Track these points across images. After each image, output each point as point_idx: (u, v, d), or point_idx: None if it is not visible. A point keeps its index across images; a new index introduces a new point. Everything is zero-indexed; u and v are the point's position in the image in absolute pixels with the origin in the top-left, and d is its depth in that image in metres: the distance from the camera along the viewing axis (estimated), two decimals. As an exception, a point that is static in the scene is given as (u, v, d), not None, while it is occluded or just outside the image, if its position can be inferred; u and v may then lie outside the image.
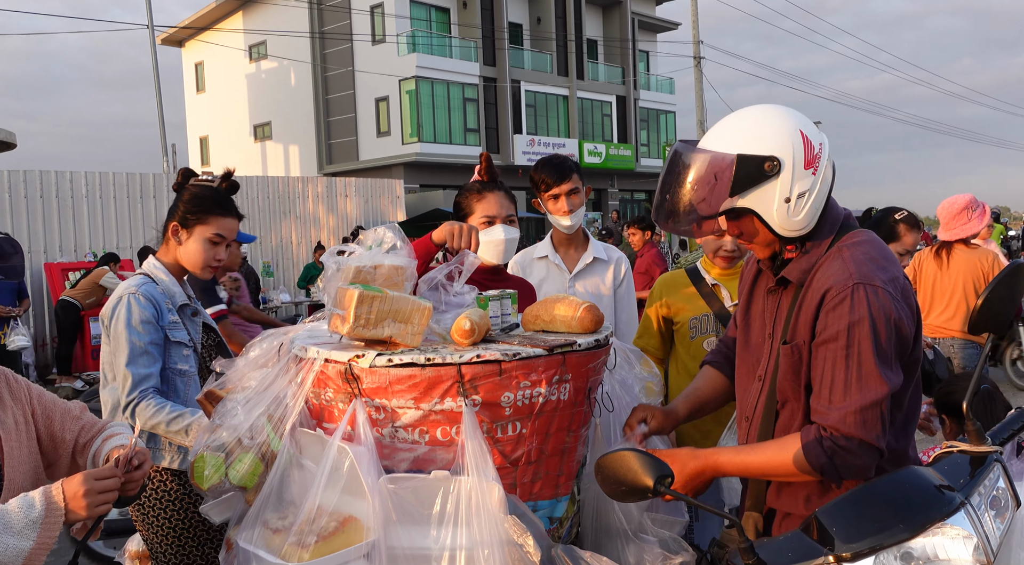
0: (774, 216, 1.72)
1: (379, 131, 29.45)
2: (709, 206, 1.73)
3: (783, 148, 1.70)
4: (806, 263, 1.79)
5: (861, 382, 1.62)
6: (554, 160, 2.99)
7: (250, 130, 33.53)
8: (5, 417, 1.81)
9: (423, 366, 1.71)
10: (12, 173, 11.37)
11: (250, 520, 1.78)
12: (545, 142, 30.99)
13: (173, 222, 2.53)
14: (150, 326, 2.35)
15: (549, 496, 1.89)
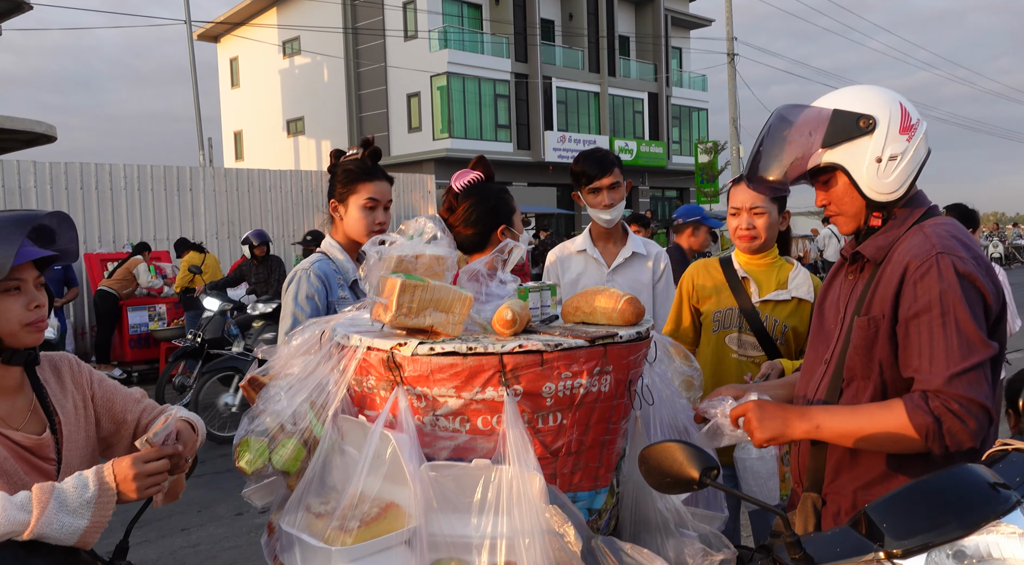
0: (863, 173, 1.74)
1: (410, 127, 29.59)
2: (802, 162, 1.76)
3: (880, 109, 1.74)
4: (884, 240, 1.80)
5: (963, 346, 1.60)
6: (596, 153, 2.98)
7: (283, 125, 33.84)
8: (65, 402, 1.84)
9: (465, 355, 1.72)
10: (54, 165, 11.59)
11: (293, 504, 1.79)
12: (576, 139, 30.93)
13: (332, 201, 2.64)
14: (312, 302, 2.44)
15: (588, 487, 1.89)
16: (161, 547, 4.75)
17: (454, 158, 27.54)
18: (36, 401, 1.78)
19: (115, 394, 1.93)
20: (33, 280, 1.72)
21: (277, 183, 14.40)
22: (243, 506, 5.34)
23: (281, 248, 14.19)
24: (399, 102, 29.91)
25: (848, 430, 1.70)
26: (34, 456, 1.72)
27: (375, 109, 30.69)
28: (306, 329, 2.08)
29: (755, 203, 2.74)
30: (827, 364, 1.89)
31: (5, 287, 1.66)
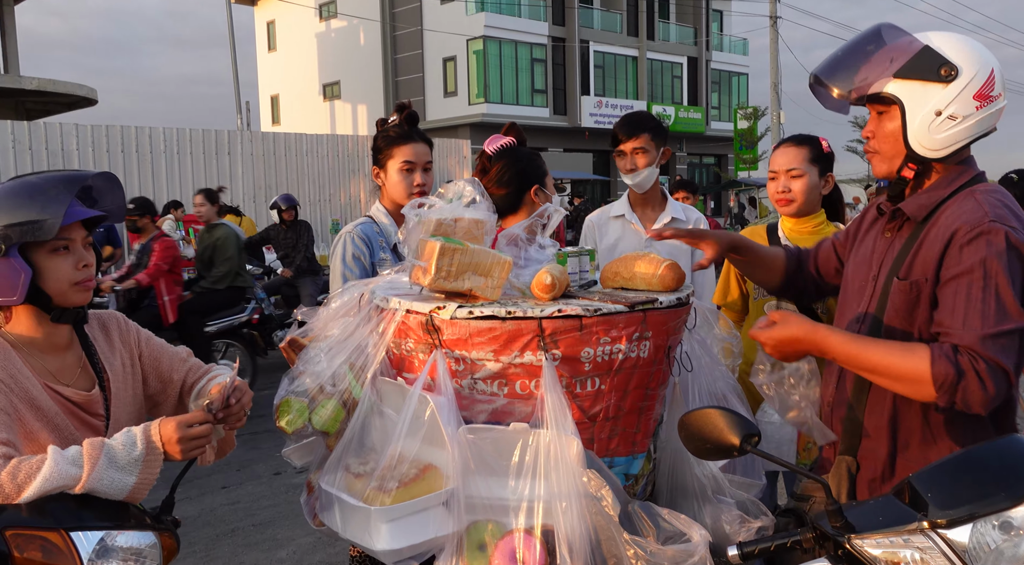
0: (916, 120, 1.69)
1: (446, 91, 29.46)
2: (866, 82, 1.71)
3: (968, 65, 1.68)
4: (927, 199, 1.76)
5: (999, 311, 1.57)
6: (631, 117, 2.93)
7: (319, 89, 33.89)
8: (114, 360, 1.88)
9: (504, 319, 1.72)
10: (95, 128, 11.74)
11: (332, 464, 1.82)
12: (613, 104, 30.60)
13: (375, 168, 2.69)
14: (359, 263, 2.50)
15: (626, 453, 1.89)
16: (202, 504, 4.87)
17: (490, 123, 27.39)
18: (85, 358, 1.81)
19: (162, 353, 1.97)
20: (81, 240, 1.74)
21: (314, 147, 14.45)
22: (281, 466, 5.45)
23: (317, 213, 14.28)
24: (435, 66, 29.75)
25: (864, 357, 1.66)
26: (83, 412, 1.76)
27: (411, 73, 30.57)
28: (345, 292, 2.09)
29: (791, 165, 2.68)
30: (860, 323, 1.86)
31: (54, 246, 1.68)
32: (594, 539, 1.63)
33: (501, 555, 1.65)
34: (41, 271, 1.68)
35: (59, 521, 1.48)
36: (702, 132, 33.79)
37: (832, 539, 1.34)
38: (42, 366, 1.74)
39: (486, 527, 1.70)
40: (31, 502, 1.52)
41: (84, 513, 1.52)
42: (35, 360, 1.74)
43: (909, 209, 1.77)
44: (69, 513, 1.51)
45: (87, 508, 1.53)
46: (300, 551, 4.15)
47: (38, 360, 1.74)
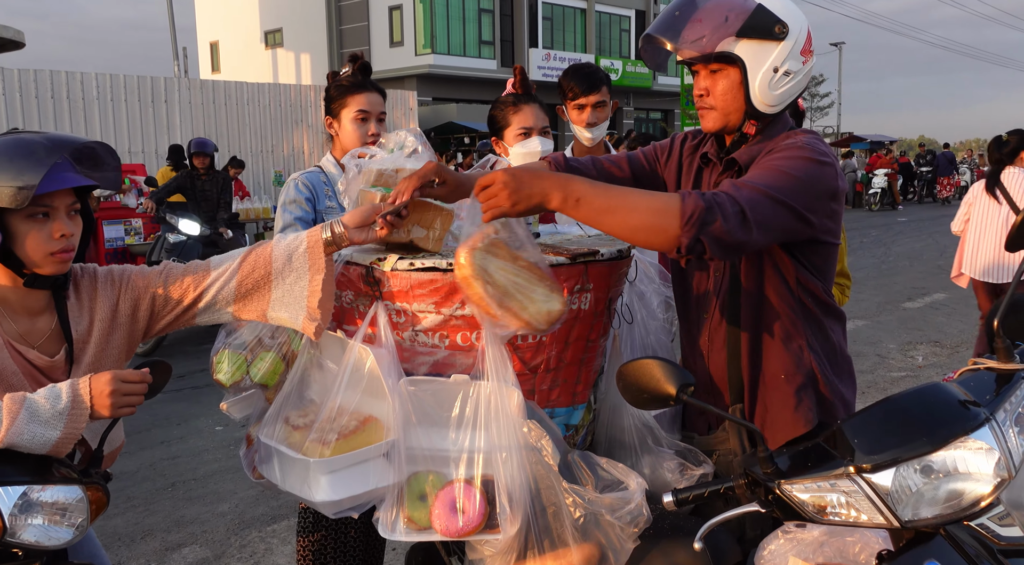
0: (758, 78, 1.74)
1: (392, 41, 28.82)
2: (708, 42, 1.72)
3: (795, 23, 1.74)
4: (757, 149, 1.81)
5: (774, 182, 1.63)
6: (585, 69, 2.91)
7: (261, 36, 32.84)
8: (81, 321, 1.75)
9: (445, 271, 1.70)
10: (23, 72, 11.22)
11: (271, 417, 1.80)
12: (561, 57, 30.31)
13: (327, 117, 2.67)
14: (298, 206, 2.48)
15: (566, 404, 1.91)
16: (141, 459, 4.80)
17: (436, 74, 26.95)
18: (58, 323, 1.73)
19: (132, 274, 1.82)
20: (66, 207, 1.64)
21: (255, 96, 14.07)
22: (223, 420, 5.39)
23: (259, 164, 13.97)
24: (381, 15, 29.03)
25: (609, 204, 1.59)
26: (44, 376, 1.69)
27: (356, 22, 29.79)
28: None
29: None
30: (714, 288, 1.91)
31: (31, 212, 1.58)
32: (534, 489, 1.66)
33: (441, 505, 1.66)
34: (15, 236, 1.59)
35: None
36: (649, 87, 33.76)
37: (763, 485, 1.38)
38: (11, 325, 1.67)
39: (427, 478, 1.70)
40: None
41: (4, 467, 1.48)
42: (4, 319, 1.66)
43: (743, 159, 1.83)
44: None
45: (8, 462, 1.49)
46: (242, 504, 4.13)
47: (7, 320, 1.67)
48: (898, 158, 26.16)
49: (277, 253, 1.75)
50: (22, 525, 1.45)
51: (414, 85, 25.62)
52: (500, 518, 1.64)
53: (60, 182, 1.56)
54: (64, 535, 1.50)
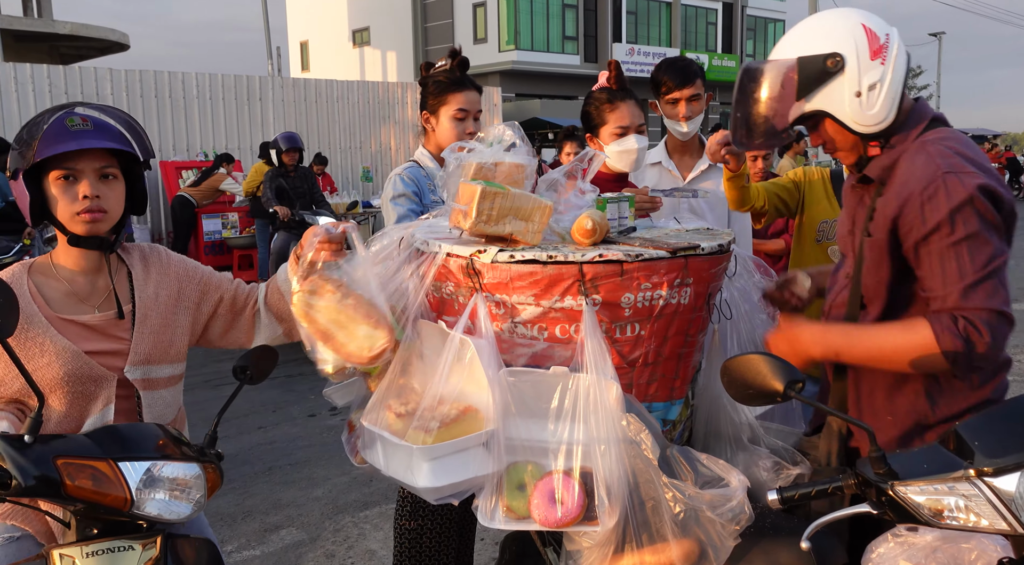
0: (847, 112, 1.69)
1: (475, 38, 29.04)
2: (782, 118, 1.71)
3: (844, 43, 1.67)
4: (888, 159, 1.77)
5: (973, 257, 1.59)
6: (678, 62, 2.88)
7: (349, 35, 33.57)
8: (147, 289, 1.90)
9: (545, 263, 1.71)
10: (129, 73, 11.76)
11: (374, 404, 1.85)
12: (645, 51, 29.99)
13: (423, 112, 2.70)
14: (407, 199, 2.54)
15: (664, 398, 1.89)
16: (240, 443, 4.99)
17: (520, 71, 27.02)
18: (113, 285, 1.86)
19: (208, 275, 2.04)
20: (93, 171, 1.75)
21: (344, 94, 14.38)
22: (315, 408, 5.55)
23: (347, 160, 14.28)
24: (465, 12, 29.29)
25: (870, 354, 1.70)
26: (100, 334, 1.81)
27: (441, 19, 30.14)
28: (385, 235, 2.10)
29: None
30: (848, 279, 1.88)
31: (58, 175, 1.73)
32: (632, 482, 1.65)
33: (540, 495, 1.67)
34: (49, 198, 1.75)
35: (107, 451, 1.53)
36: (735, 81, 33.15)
37: (875, 486, 1.34)
38: (62, 293, 1.81)
39: (525, 468, 1.72)
40: (83, 433, 1.57)
41: (132, 444, 1.56)
42: (55, 288, 1.81)
43: (874, 173, 1.79)
44: (117, 444, 1.55)
45: (135, 439, 1.58)
46: (335, 490, 4.25)
47: (61, 286, 1.81)
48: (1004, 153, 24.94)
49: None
50: (146, 498, 1.53)
51: (498, 81, 25.75)
52: (599, 510, 1.64)
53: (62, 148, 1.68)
54: (184, 510, 1.58)
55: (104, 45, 21.09)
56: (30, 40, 19.70)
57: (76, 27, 19.49)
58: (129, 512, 1.52)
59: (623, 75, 2.67)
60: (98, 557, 1.51)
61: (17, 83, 10.96)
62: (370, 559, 3.55)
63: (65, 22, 19.48)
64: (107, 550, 1.52)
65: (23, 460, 1.41)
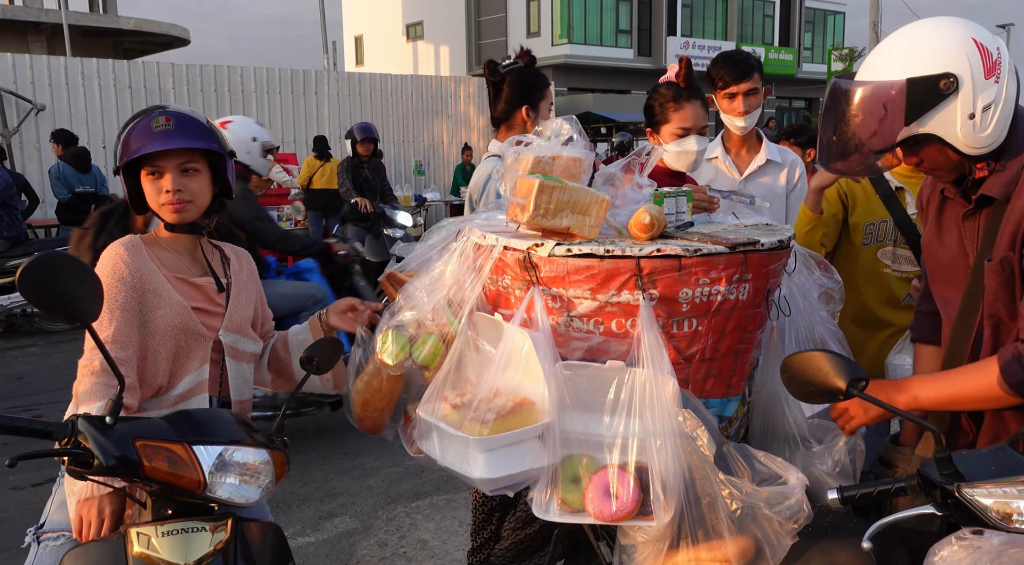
0: (959, 137, 1.56)
1: (529, 31, 29.01)
2: (882, 140, 1.59)
3: (958, 62, 1.53)
4: (1008, 176, 1.64)
5: None
6: (735, 56, 2.84)
7: (403, 30, 33.82)
8: (241, 273, 2.17)
9: (602, 257, 1.71)
10: (190, 67, 12.06)
11: (431, 396, 1.87)
12: (700, 45, 29.63)
13: (524, 106, 2.77)
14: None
15: (720, 395, 1.88)
16: (293, 431, 5.08)
17: (573, 65, 26.92)
18: (209, 267, 2.08)
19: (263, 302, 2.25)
20: (174, 168, 1.95)
21: (398, 88, 14.52)
22: (368, 399, 5.61)
23: (400, 153, 14.40)
24: (518, 6, 29.27)
25: (952, 400, 1.66)
26: (205, 298, 2.03)
27: (494, 13, 30.18)
28: (442, 228, 2.12)
29: None
30: (955, 308, 1.78)
31: (148, 171, 1.95)
32: (688, 478, 1.64)
33: (595, 489, 1.67)
34: (144, 190, 1.98)
35: (183, 435, 1.58)
36: (792, 74, 32.49)
37: (940, 487, 1.31)
38: (173, 260, 2.03)
39: (580, 461, 1.72)
40: (159, 417, 1.63)
41: (206, 428, 1.62)
42: (167, 255, 2.02)
43: (995, 191, 1.65)
44: (192, 428, 1.60)
45: (209, 424, 1.63)
46: (388, 480, 4.31)
47: (170, 255, 2.03)
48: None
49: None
50: (218, 482, 1.58)
51: (551, 75, 25.68)
52: (654, 505, 1.63)
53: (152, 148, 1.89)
54: (253, 494, 1.62)
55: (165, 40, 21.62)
56: (96, 36, 20.28)
57: (139, 23, 19.99)
58: (202, 494, 1.57)
59: (693, 73, 2.58)
60: (172, 537, 1.56)
61: (84, 78, 11.31)
62: (422, 549, 3.59)
63: (129, 18, 20.01)
64: (181, 530, 1.57)
65: (105, 441, 1.47)
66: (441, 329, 1.97)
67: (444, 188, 14.49)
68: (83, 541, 1.68)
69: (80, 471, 1.49)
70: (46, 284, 1.46)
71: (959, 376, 1.66)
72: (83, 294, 1.50)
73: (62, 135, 8.87)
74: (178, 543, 1.57)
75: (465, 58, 30.78)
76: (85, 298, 1.50)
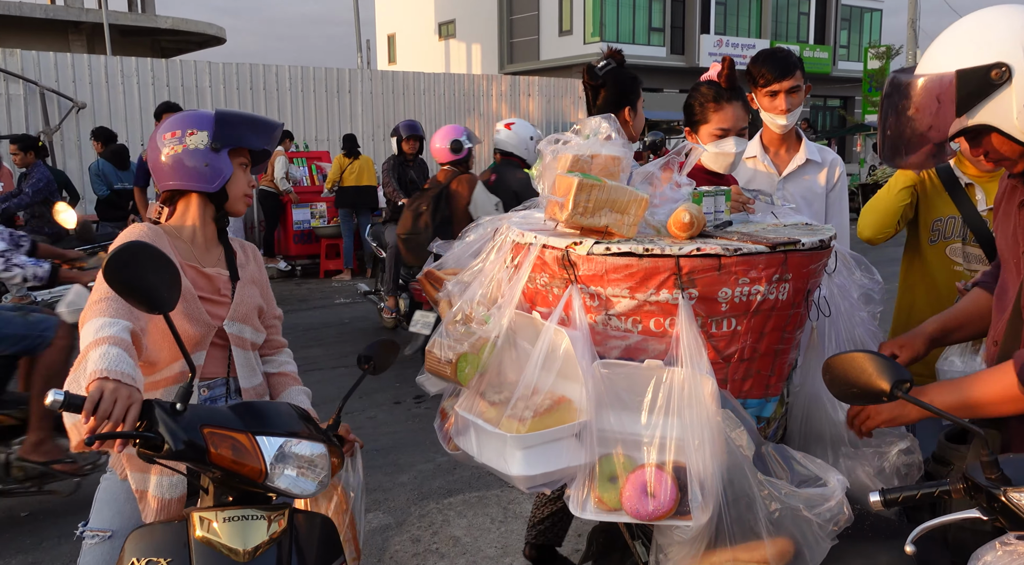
0: (1015, 125, 1.53)
1: (561, 30, 28.96)
2: (938, 132, 1.57)
3: (1009, 50, 1.50)
4: None
5: None
6: (777, 53, 2.81)
7: (435, 28, 33.93)
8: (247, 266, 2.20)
9: (641, 256, 1.71)
10: (226, 66, 12.21)
11: (470, 393, 1.88)
12: (734, 43, 29.38)
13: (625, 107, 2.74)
14: None
15: (759, 395, 1.87)
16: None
17: (605, 62, 26.80)
18: (223, 258, 2.14)
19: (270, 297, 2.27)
20: (250, 167, 2.13)
21: (431, 86, 14.58)
22: (400, 395, 5.66)
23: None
24: (551, 4, 29.23)
25: (960, 403, 1.63)
26: (212, 288, 2.06)
27: (526, 11, 30.16)
28: (480, 226, 2.13)
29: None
30: (1015, 302, 1.75)
31: (242, 161, 2.08)
32: (726, 478, 1.64)
33: (632, 487, 1.67)
34: (231, 176, 2.06)
35: (248, 425, 1.63)
36: (828, 73, 32.07)
37: (986, 491, 1.30)
38: (187, 251, 2.06)
39: (618, 460, 1.72)
40: (226, 407, 1.69)
41: (268, 420, 1.67)
42: (182, 246, 2.05)
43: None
44: (256, 419, 1.66)
45: (271, 416, 1.67)
46: (420, 476, 4.34)
47: (185, 246, 2.06)
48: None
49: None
50: (278, 472, 1.63)
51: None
52: (691, 505, 1.63)
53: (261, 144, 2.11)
54: (309, 487, 1.67)
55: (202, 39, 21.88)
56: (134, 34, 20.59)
57: (176, 22, 20.27)
58: (262, 484, 1.62)
59: (735, 73, 2.55)
60: (232, 523, 1.62)
61: (123, 76, 11.50)
62: (454, 545, 3.61)
63: (166, 17, 20.30)
64: (241, 517, 1.63)
65: (175, 426, 1.53)
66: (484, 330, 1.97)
67: (475, 186, 14.53)
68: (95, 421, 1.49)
69: (149, 454, 1.54)
70: (129, 272, 1.52)
71: (976, 380, 1.63)
72: (163, 283, 1.56)
73: (102, 133, 9.02)
74: (237, 529, 1.62)
75: (497, 56, 30.79)
76: (165, 287, 1.56)
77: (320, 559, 1.72)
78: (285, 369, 2.27)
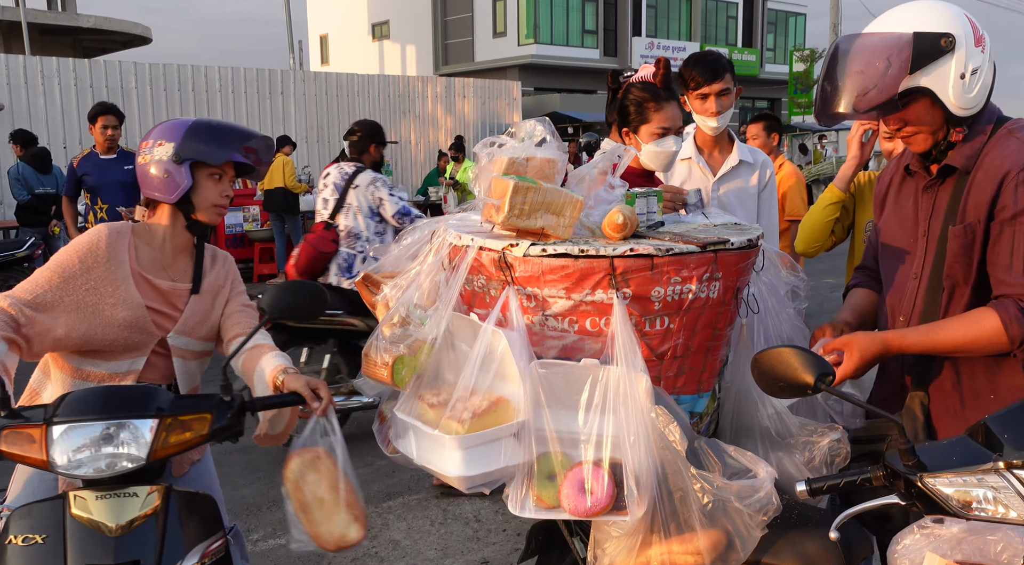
0: (949, 93, 1.73)
1: (495, 31, 29.01)
2: (882, 91, 1.72)
3: (955, 25, 1.72)
4: (970, 149, 1.81)
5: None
6: (708, 57, 2.88)
7: (368, 29, 33.63)
8: (210, 274, 2.20)
9: (576, 257, 1.74)
10: (152, 67, 11.88)
11: (408, 396, 1.88)
12: (665, 45, 29.88)
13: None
14: None
15: (691, 391, 1.92)
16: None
17: (539, 65, 26.98)
18: (191, 268, 2.16)
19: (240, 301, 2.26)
20: (229, 177, 2.13)
21: (364, 88, 14.46)
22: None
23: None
24: (484, 5, 29.26)
25: (941, 343, 1.78)
26: (164, 302, 2.08)
27: (460, 12, 30.13)
28: (416, 229, 2.13)
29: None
30: (918, 278, 1.90)
31: (212, 172, 2.08)
32: (661, 473, 1.68)
33: (570, 485, 1.70)
34: (197, 186, 2.07)
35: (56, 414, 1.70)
36: (756, 75, 32.88)
37: (903, 477, 1.36)
38: (151, 258, 2.09)
39: (555, 458, 1.75)
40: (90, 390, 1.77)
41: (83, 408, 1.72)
42: (147, 252, 2.09)
43: (958, 162, 1.82)
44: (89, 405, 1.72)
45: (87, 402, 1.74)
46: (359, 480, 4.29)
47: (151, 252, 2.10)
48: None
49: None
50: (67, 459, 1.67)
51: (517, 75, 25.71)
52: (628, 500, 1.67)
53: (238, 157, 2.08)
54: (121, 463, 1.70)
55: (126, 38, 21.27)
56: (54, 34, 19.91)
57: (99, 20, 19.67)
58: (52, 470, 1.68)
59: (671, 74, 2.59)
60: (105, 500, 1.70)
61: (43, 77, 11.10)
62: (394, 549, 3.59)
63: (88, 15, 19.67)
64: (113, 494, 1.71)
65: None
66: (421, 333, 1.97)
67: (411, 189, 14.44)
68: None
69: None
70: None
71: (952, 327, 1.77)
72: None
73: (21, 135, 8.69)
74: (110, 506, 1.69)
75: (432, 57, 30.69)
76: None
77: (198, 535, 1.78)
78: (260, 341, 2.22)
